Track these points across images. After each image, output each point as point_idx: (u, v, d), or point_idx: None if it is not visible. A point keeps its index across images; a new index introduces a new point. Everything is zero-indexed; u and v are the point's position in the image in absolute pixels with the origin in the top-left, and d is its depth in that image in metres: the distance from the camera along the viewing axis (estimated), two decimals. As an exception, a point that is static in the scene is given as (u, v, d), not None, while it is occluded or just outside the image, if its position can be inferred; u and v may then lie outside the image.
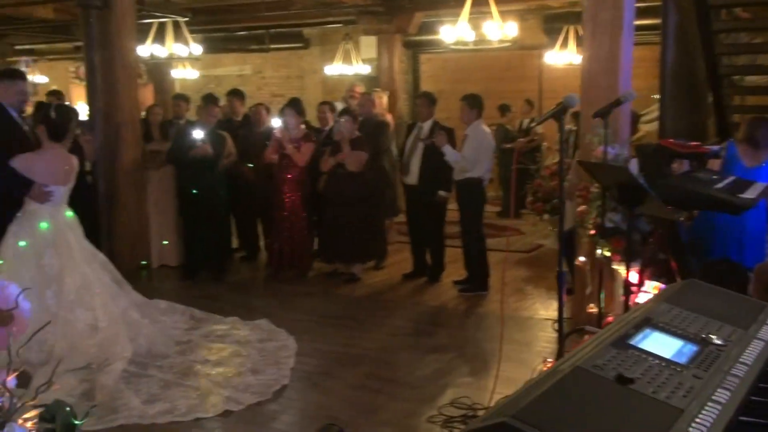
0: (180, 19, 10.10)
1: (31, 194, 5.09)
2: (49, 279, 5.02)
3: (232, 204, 7.82)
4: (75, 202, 5.40)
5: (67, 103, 6.61)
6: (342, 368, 4.98)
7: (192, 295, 6.89)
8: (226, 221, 7.84)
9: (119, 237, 7.64)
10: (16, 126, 5.24)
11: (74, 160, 5.30)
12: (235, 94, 8.80)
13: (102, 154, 7.40)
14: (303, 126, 7.53)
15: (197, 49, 10.48)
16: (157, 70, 13.26)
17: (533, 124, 10.14)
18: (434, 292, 6.95)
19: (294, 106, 7.34)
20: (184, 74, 15.15)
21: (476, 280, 6.77)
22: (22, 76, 5.40)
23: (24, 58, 17.23)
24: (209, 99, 7.78)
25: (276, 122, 7.28)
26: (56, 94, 8.33)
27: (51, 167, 5.13)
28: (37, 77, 17.67)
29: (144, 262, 7.75)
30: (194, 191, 7.19)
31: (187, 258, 7.57)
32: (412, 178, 6.99)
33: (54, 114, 5.15)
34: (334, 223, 7.17)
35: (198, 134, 7.07)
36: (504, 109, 11.21)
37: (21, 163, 5.05)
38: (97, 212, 7.40)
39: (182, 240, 7.68)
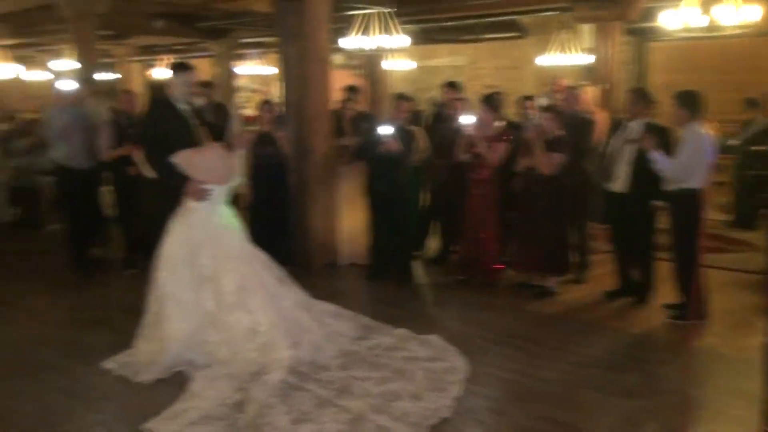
0: (384, 10, 9.84)
1: (188, 191, 5.01)
2: (204, 279, 4.92)
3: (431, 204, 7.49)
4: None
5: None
6: (514, 403, 4.35)
7: (371, 298, 6.62)
8: (414, 221, 7.45)
9: (308, 233, 7.56)
10: (182, 120, 5.19)
11: (234, 159, 5.17)
12: (450, 85, 8.32)
13: (294, 147, 7.33)
14: (500, 123, 6.95)
15: (404, 40, 10.18)
16: (369, 61, 13.23)
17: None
18: (639, 316, 6.03)
19: (488, 101, 6.76)
20: (397, 65, 15.10)
21: (692, 306, 5.76)
22: (185, 68, 5.32)
23: (251, 51, 18.17)
24: (400, 95, 7.43)
25: (469, 119, 6.73)
26: (208, 86, 8.36)
27: (210, 165, 5.02)
28: (264, 68, 18.58)
29: (331, 260, 7.59)
30: (380, 188, 6.86)
31: (372, 258, 7.28)
32: (618, 184, 6.11)
33: (210, 115, 5.06)
34: (527, 230, 6.51)
35: (386, 130, 6.72)
36: (752, 104, 9.64)
37: (182, 159, 4.99)
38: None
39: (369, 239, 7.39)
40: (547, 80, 13.27)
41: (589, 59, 11.81)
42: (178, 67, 5.38)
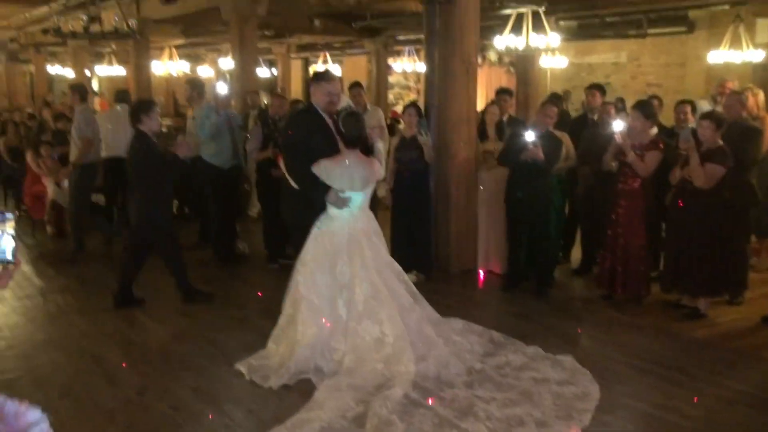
0: (536, 8, 9.55)
1: (329, 200, 5.06)
2: (340, 287, 4.96)
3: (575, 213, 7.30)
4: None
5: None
6: (647, 440, 4.06)
7: (505, 310, 6.43)
8: (556, 231, 7.20)
9: (447, 238, 7.50)
10: (323, 129, 5.21)
11: (376, 166, 5.14)
12: (596, 87, 7.97)
13: (435, 152, 7.26)
14: (653, 130, 6.54)
15: (555, 39, 9.86)
16: (522, 59, 12.92)
17: None
18: (802, 347, 5.48)
19: (641, 108, 6.35)
20: (553, 63, 14.69)
21: None
22: (325, 78, 5.35)
23: (405, 47, 18.29)
24: (549, 98, 7.22)
25: (619, 125, 6.36)
26: (358, 86, 8.40)
27: (349, 174, 5.03)
28: (418, 65, 18.69)
29: (469, 267, 7.49)
30: (521, 196, 6.65)
31: (510, 267, 7.09)
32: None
33: (341, 123, 5.04)
34: (678, 246, 6.07)
35: (530, 136, 6.49)
36: None
37: (320, 169, 5.03)
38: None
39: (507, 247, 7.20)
40: (714, 80, 12.45)
41: (762, 56, 10.91)
42: (318, 77, 5.43)
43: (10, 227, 2.24)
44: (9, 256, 2.26)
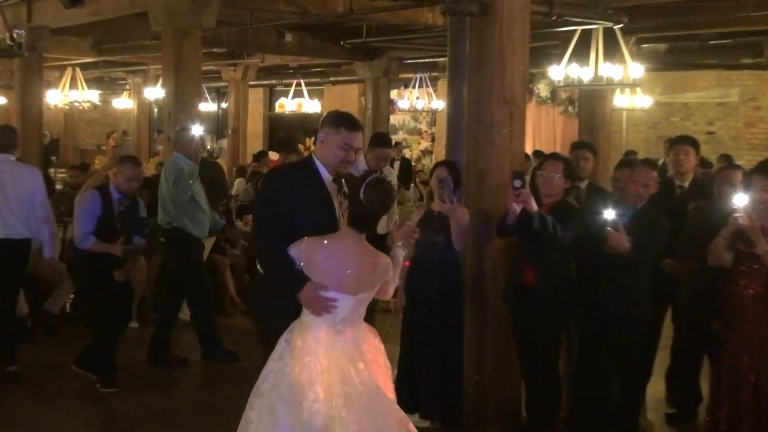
0: (610, 24, 9.63)
1: (302, 297, 4.99)
2: (309, 429, 4.85)
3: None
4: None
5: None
6: None
7: None
8: (639, 353, 7.09)
9: (481, 362, 7.34)
10: (323, 194, 5.31)
11: (384, 261, 5.09)
12: (685, 141, 7.98)
13: (471, 233, 7.18)
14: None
15: (636, 69, 9.90)
16: (590, 98, 12.96)
17: None
18: None
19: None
20: (632, 102, 14.76)
21: None
22: (347, 124, 5.40)
23: (416, 75, 18.49)
24: (639, 158, 7.17)
25: (741, 198, 6.26)
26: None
27: (338, 263, 4.99)
28: (435, 101, 18.87)
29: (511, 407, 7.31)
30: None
31: (574, 406, 7.01)
32: None
33: (364, 192, 4.96)
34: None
35: (609, 214, 6.35)
36: None
37: (303, 250, 5.00)
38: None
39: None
40: None
41: None
42: (337, 121, 5.44)
43: None
44: None
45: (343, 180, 5.29)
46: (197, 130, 8.52)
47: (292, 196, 5.26)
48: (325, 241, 5.06)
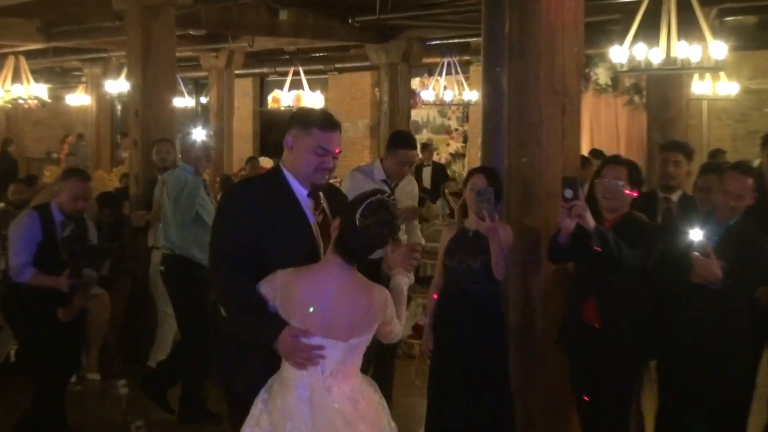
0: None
1: (280, 347, 4.96)
2: None
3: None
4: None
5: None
6: None
7: None
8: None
9: (529, 409, 7.39)
10: (297, 214, 5.26)
11: (381, 296, 5.07)
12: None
13: (517, 255, 7.23)
14: None
15: (718, 49, 9.92)
16: (661, 85, 12.98)
17: None
18: None
19: None
20: (709, 90, 14.75)
21: None
22: (320, 123, 5.34)
23: (442, 59, 18.51)
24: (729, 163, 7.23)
25: None
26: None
27: (324, 301, 4.96)
28: (467, 92, 18.87)
29: None
30: (689, 341, 6.61)
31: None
32: None
33: (361, 214, 4.94)
34: None
35: (696, 235, 6.31)
36: None
37: (274, 286, 4.96)
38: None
39: None
40: None
41: None
42: (309, 119, 5.45)
43: None
44: None
45: (321, 194, 5.31)
46: (199, 134, 8.60)
47: (258, 219, 5.19)
48: (306, 274, 5.02)
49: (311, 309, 4.93)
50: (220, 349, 5.52)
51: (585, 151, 13.25)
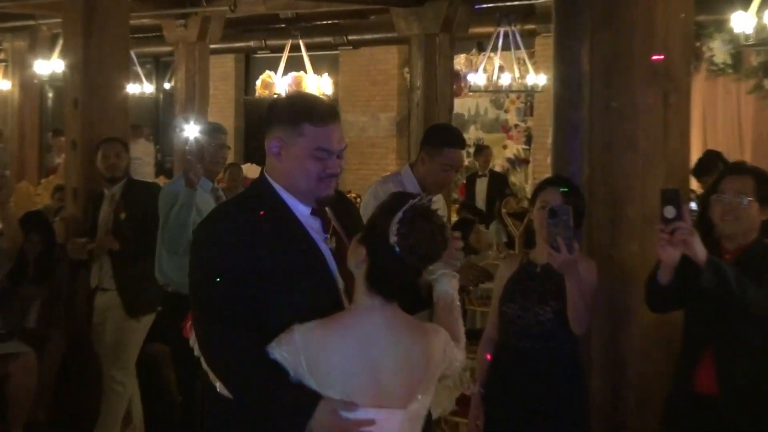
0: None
1: (318, 425, 4.96)
2: None
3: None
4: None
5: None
6: None
7: None
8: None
9: None
10: (301, 238, 5.22)
11: (440, 338, 5.09)
12: None
13: (605, 301, 7.28)
14: None
15: None
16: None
17: None
18: None
19: None
20: None
21: None
22: (314, 117, 5.33)
23: (502, 28, 18.60)
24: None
25: None
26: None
27: (367, 360, 4.97)
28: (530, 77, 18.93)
29: None
30: None
31: None
32: None
33: (401, 237, 4.88)
34: None
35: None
36: None
37: (294, 347, 4.92)
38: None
39: None
40: None
41: None
42: (299, 113, 5.39)
43: None
44: None
45: (327, 209, 5.29)
46: (191, 129, 8.72)
47: (252, 258, 5.14)
48: (335, 326, 5.01)
49: (363, 376, 4.94)
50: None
51: (696, 154, 13.16)
